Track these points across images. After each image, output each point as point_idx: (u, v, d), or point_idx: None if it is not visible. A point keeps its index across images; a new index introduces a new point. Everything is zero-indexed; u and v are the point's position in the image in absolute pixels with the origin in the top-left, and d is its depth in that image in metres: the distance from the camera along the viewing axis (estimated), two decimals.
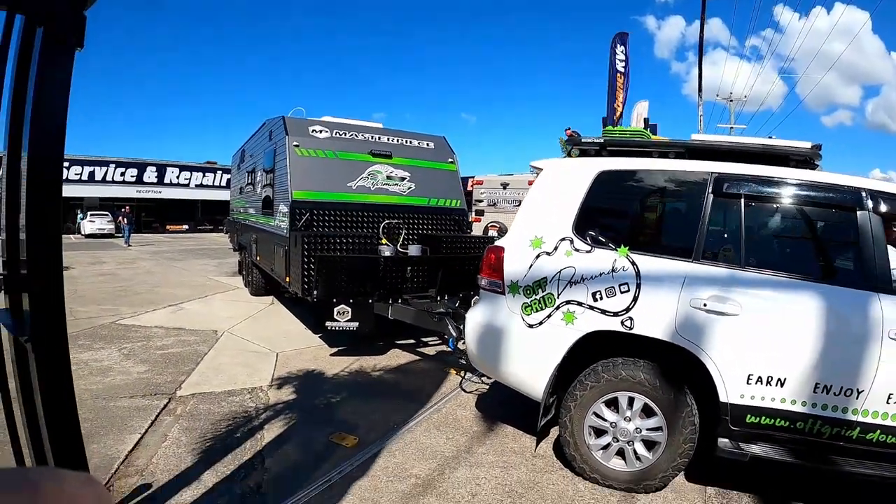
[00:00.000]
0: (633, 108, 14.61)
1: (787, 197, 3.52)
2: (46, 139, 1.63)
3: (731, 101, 29.10)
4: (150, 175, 35.14)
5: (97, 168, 33.54)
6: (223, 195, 35.01)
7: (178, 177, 36.15)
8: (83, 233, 30.58)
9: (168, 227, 36.25)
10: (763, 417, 3.24)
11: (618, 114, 14.24)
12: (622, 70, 14.45)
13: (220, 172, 37.08)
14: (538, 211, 3.90)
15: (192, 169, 36.91)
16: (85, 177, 32.98)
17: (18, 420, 2.00)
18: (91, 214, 31.24)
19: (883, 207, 3.26)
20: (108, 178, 33.80)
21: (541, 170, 4.04)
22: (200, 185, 37.31)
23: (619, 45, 14.50)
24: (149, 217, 36.15)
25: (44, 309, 1.66)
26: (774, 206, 3.62)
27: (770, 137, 4.27)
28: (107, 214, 31.09)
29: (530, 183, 4.29)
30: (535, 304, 3.70)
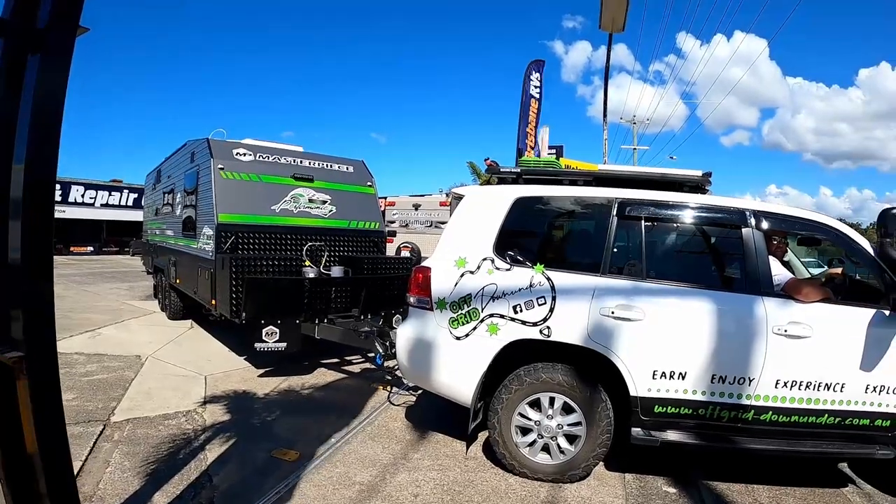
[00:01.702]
0: (538, 133, 15.30)
1: (681, 217, 4.09)
2: (42, 164, 1.77)
3: (635, 123, 30.93)
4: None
5: None
6: (130, 215, 33.39)
7: (82, 195, 34.05)
8: None
9: (72, 248, 34.20)
10: (669, 407, 3.75)
11: (530, 138, 14.85)
12: (536, 96, 15.07)
13: (126, 191, 35.36)
14: (461, 234, 4.27)
15: (97, 187, 34.89)
16: None
17: None
18: None
19: (764, 224, 3.89)
20: None
21: (462, 196, 4.42)
22: (106, 205, 35.32)
23: (534, 72, 15.05)
24: None
25: (41, 324, 1.79)
26: (671, 225, 4.17)
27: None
28: None
29: (442, 204, 4.67)
30: (461, 318, 4.04)
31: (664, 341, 3.74)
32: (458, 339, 4.05)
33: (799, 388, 3.64)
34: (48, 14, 1.73)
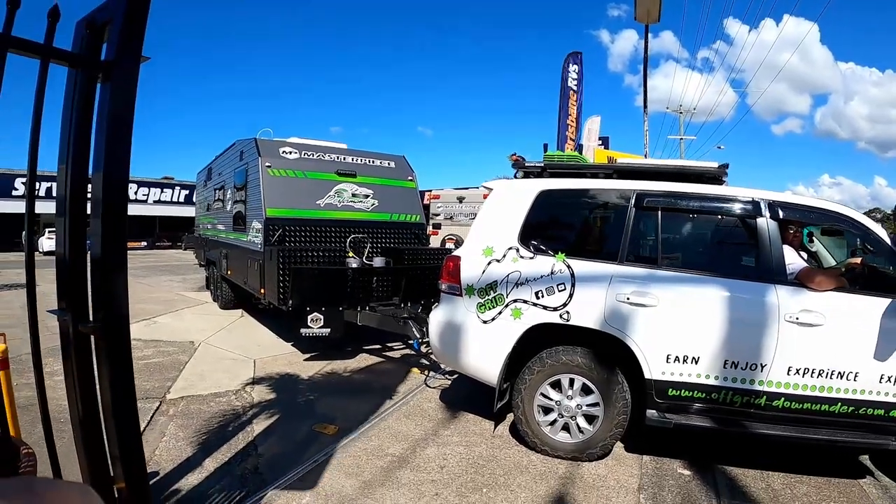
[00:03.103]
0: (585, 123, 15.29)
1: (696, 208, 4.23)
2: (117, 170, 2.09)
3: (681, 112, 30.29)
4: None
5: (54, 184, 32.26)
6: (181, 211, 34.64)
7: (135, 193, 35.49)
8: (42, 250, 29.39)
9: (126, 243, 35.65)
10: (682, 390, 3.92)
11: (571, 130, 14.88)
12: (574, 87, 15.05)
13: (177, 188, 36.75)
14: (489, 224, 4.53)
15: (149, 185, 36.38)
16: (42, 192, 32.00)
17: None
18: (49, 231, 30.03)
19: (779, 214, 3.99)
20: None
21: (491, 189, 4.68)
22: (158, 201, 36.77)
23: (571, 64, 15.04)
24: None
25: (117, 305, 2.13)
26: (686, 215, 4.32)
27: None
28: None
29: (485, 197, 4.90)
30: (487, 303, 4.31)
31: (677, 326, 3.90)
32: (484, 322, 4.32)
33: (811, 376, 3.71)
34: (115, 48, 2.05)
